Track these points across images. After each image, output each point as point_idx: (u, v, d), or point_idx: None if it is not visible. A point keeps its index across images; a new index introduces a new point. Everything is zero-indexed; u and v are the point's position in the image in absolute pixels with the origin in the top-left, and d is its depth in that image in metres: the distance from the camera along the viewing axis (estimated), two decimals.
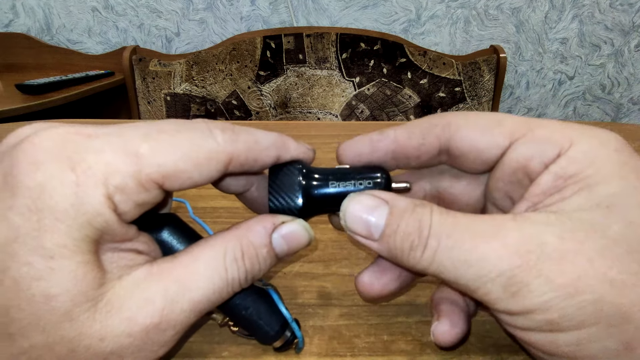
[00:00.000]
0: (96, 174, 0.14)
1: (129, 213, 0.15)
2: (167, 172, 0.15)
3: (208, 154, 0.16)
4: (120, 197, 0.14)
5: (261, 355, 0.21)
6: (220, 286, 0.16)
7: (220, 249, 0.16)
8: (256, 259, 0.17)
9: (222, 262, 0.16)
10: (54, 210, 0.13)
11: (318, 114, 1.20)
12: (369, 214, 0.17)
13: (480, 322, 0.23)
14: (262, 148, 0.18)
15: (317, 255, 0.29)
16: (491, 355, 0.21)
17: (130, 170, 0.14)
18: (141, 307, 0.15)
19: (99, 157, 0.14)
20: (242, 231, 0.17)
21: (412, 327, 0.23)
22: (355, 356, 0.21)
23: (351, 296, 0.25)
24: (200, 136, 0.16)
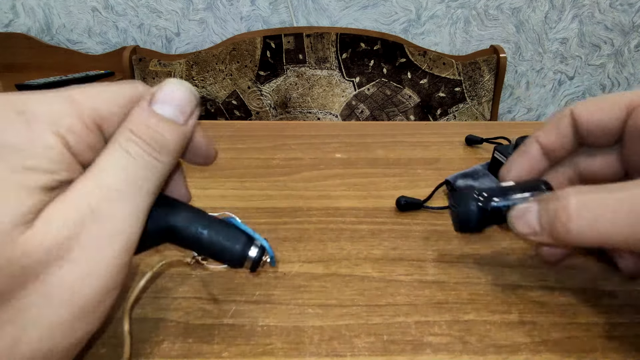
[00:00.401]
0: (44, 117, 0.15)
1: (84, 154, 0.16)
2: (102, 114, 0.17)
3: (131, 97, 0.17)
4: (72, 137, 0.15)
5: (261, 355, 0.21)
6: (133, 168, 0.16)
7: (113, 141, 0.17)
8: (151, 130, 0.17)
9: (119, 148, 0.16)
10: (6, 145, 0.14)
11: (318, 114, 1.20)
12: (525, 214, 0.22)
13: (480, 322, 0.23)
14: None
15: (317, 256, 0.29)
16: (491, 355, 0.21)
17: (72, 112, 0.16)
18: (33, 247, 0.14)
19: (42, 105, 0.15)
20: (125, 122, 0.17)
21: (412, 327, 0.23)
22: (355, 356, 0.21)
23: (351, 296, 0.25)
24: (124, 85, 0.18)
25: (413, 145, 0.48)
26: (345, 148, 0.47)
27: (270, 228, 0.32)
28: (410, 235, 0.31)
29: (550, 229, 0.20)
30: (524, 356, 0.21)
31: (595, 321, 0.24)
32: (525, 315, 0.24)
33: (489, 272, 0.28)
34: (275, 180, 0.40)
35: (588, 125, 0.24)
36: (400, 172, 0.42)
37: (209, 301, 0.24)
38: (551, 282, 0.27)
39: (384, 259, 0.29)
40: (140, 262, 0.28)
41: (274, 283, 0.26)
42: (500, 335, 0.22)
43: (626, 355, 0.21)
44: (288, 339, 0.22)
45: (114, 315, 0.23)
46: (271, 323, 0.23)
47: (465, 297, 0.25)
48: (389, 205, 0.35)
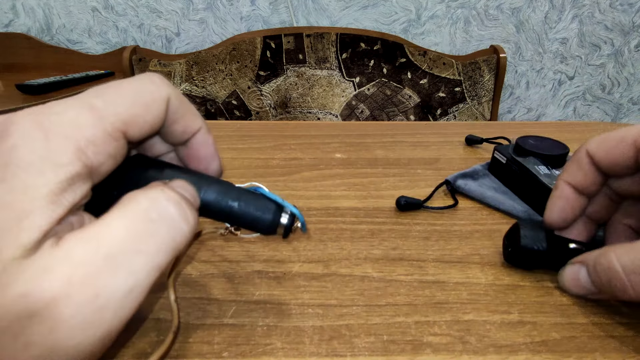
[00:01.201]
0: (64, 129, 0.15)
1: (105, 164, 0.16)
2: (126, 119, 0.16)
3: (151, 95, 0.17)
4: (92, 149, 0.15)
5: (261, 355, 0.21)
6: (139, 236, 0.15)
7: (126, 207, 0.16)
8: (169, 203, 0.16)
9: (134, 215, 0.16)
10: (20, 163, 0.14)
11: (318, 114, 1.20)
12: (577, 278, 0.24)
13: (480, 322, 0.23)
14: (190, 109, 0.20)
15: (317, 256, 0.29)
16: (491, 355, 0.21)
17: (94, 122, 0.15)
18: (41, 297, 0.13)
19: (63, 116, 0.15)
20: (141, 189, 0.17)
21: (412, 327, 0.23)
22: (355, 356, 0.21)
23: (351, 296, 0.25)
24: (141, 82, 0.18)
25: (413, 145, 0.48)
26: (345, 148, 0.47)
27: None
28: (410, 235, 0.31)
29: (606, 289, 0.22)
30: (524, 356, 0.21)
31: (595, 321, 0.24)
32: (525, 315, 0.24)
33: (489, 272, 0.28)
34: (275, 180, 0.40)
35: (605, 164, 0.25)
36: (400, 172, 0.42)
37: (209, 301, 0.24)
38: (551, 282, 0.27)
39: (384, 259, 0.29)
40: None
41: (274, 283, 0.26)
42: (500, 335, 0.22)
43: (626, 355, 0.21)
44: (288, 339, 0.22)
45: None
46: (271, 323, 0.23)
47: (465, 297, 0.25)
48: (389, 205, 0.35)
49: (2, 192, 0.14)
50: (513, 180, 0.37)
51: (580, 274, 0.24)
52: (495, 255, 0.29)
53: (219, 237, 0.30)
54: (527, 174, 0.35)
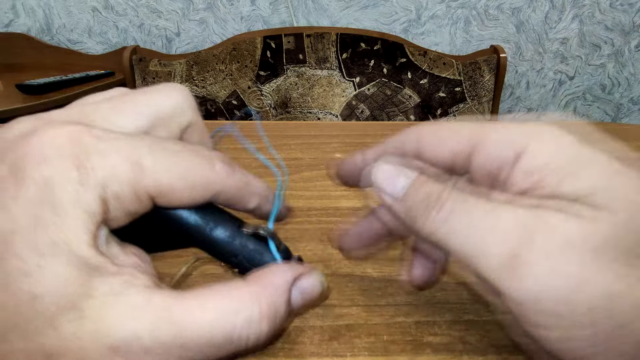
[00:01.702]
0: (98, 176, 0.14)
1: (118, 220, 0.15)
2: (163, 188, 0.15)
3: (203, 179, 0.16)
4: (114, 204, 0.14)
5: (261, 355, 0.21)
6: (226, 343, 0.14)
7: (234, 302, 0.15)
8: (272, 318, 0.15)
9: (235, 317, 0.14)
10: (54, 205, 0.13)
11: (318, 114, 1.20)
12: (398, 175, 0.19)
13: (480, 323, 0.23)
14: (252, 191, 0.19)
15: (317, 256, 0.29)
16: (491, 355, 0.21)
17: (130, 179, 0.14)
18: (128, 340, 0.13)
19: (103, 160, 0.14)
20: (262, 285, 0.16)
21: (412, 327, 0.23)
22: (355, 356, 0.21)
23: (351, 296, 0.25)
24: (200, 161, 0.16)
25: None
26: (345, 148, 0.47)
27: None
28: None
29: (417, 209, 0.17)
30: (524, 356, 0.21)
31: None
32: None
33: None
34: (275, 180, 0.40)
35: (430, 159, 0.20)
36: None
37: None
38: None
39: (384, 259, 0.29)
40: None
41: None
42: (501, 335, 0.22)
43: None
44: (288, 339, 0.22)
45: None
46: None
47: (465, 297, 0.25)
48: None
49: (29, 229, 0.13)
50: None
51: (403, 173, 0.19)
52: None
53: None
54: None
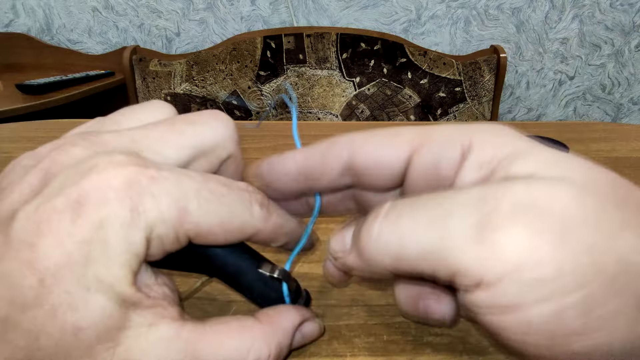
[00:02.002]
0: (148, 219, 0.14)
1: (155, 257, 0.16)
2: (202, 232, 0.16)
3: (240, 225, 0.17)
4: (156, 244, 0.15)
5: None
6: None
7: (247, 341, 0.17)
8: (276, 358, 0.17)
9: (246, 353, 0.16)
10: (104, 245, 0.14)
11: (318, 114, 1.20)
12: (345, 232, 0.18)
13: None
14: (283, 232, 0.19)
15: (317, 256, 0.29)
16: (491, 355, 0.21)
17: (175, 222, 0.15)
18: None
19: (155, 204, 0.15)
20: (272, 327, 0.18)
21: (412, 327, 0.23)
22: (355, 356, 0.21)
23: (351, 296, 0.25)
24: (241, 207, 0.17)
25: None
26: None
27: None
28: None
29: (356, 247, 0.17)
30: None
31: None
32: None
33: None
34: None
35: (365, 161, 0.18)
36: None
37: (209, 301, 0.24)
38: None
39: None
40: None
41: None
42: None
43: None
44: None
45: None
46: None
47: None
48: None
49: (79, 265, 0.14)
50: None
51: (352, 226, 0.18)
52: None
53: None
54: None
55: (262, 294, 0.19)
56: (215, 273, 0.19)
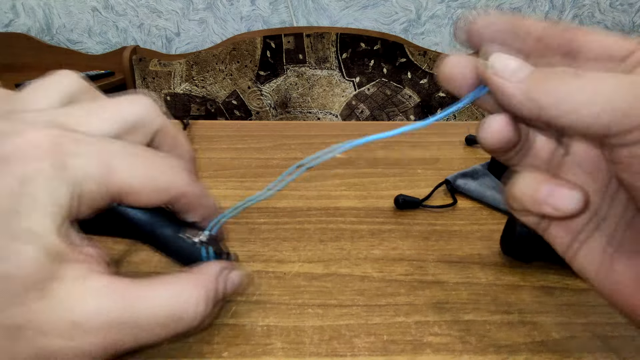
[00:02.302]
0: (72, 174, 0.15)
1: (83, 214, 0.16)
2: (129, 189, 0.17)
3: (166, 185, 0.18)
4: (83, 200, 0.16)
5: (261, 355, 0.21)
6: (171, 323, 0.17)
7: (177, 288, 0.17)
8: (208, 305, 0.18)
9: (179, 301, 0.17)
10: (31, 197, 0.14)
11: (318, 114, 1.20)
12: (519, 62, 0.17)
13: (480, 322, 0.23)
14: (205, 201, 0.20)
15: (317, 256, 0.29)
16: (491, 355, 0.21)
17: (100, 178, 0.16)
18: (88, 316, 0.15)
19: (78, 161, 0.16)
20: (198, 275, 0.18)
21: (412, 327, 0.23)
22: (355, 356, 0.21)
23: (351, 296, 0.25)
24: (166, 167, 0.18)
25: (413, 145, 0.48)
26: None
27: (270, 228, 0.32)
28: (410, 235, 0.31)
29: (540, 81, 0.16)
30: (524, 356, 0.21)
31: (595, 321, 0.24)
32: (525, 315, 0.24)
33: (489, 272, 0.28)
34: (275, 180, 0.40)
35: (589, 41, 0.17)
36: (400, 172, 0.42)
37: None
38: (551, 282, 0.27)
39: (384, 259, 0.29)
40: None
41: (274, 283, 0.26)
42: (500, 335, 0.22)
43: (626, 355, 0.21)
44: (288, 339, 0.22)
45: None
46: (271, 323, 0.23)
47: (465, 297, 0.25)
48: (389, 205, 0.35)
49: (6, 216, 0.14)
50: None
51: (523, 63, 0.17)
52: (495, 255, 0.29)
53: None
54: None
55: (189, 256, 0.20)
56: (143, 238, 0.19)
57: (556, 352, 0.22)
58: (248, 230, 0.31)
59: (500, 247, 0.30)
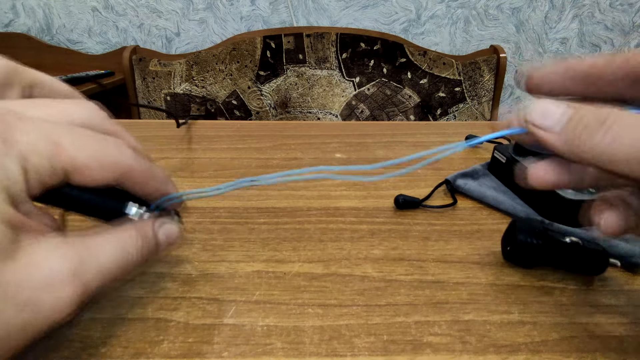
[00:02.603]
0: (21, 149, 0.16)
1: (33, 190, 0.17)
2: (77, 165, 0.18)
3: (114, 160, 0.19)
4: (33, 174, 0.16)
5: (261, 355, 0.21)
6: (122, 262, 0.19)
7: (124, 234, 0.19)
8: (148, 245, 0.20)
9: (124, 244, 0.19)
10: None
11: (318, 114, 1.20)
12: (556, 111, 0.19)
13: (480, 322, 0.23)
14: (154, 178, 0.21)
15: (317, 255, 0.29)
16: (491, 355, 0.21)
17: (48, 153, 0.17)
18: (57, 264, 0.16)
19: (26, 136, 0.16)
20: (137, 225, 0.20)
21: (412, 327, 0.23)
22: (355, 356, 0.21)
23: (351, 296, 0.25)
24: (113, 146, 0.19)
25: (413, 145, 0.48)
26: (345, 148, 0.47)
27: (270, 228, 0.32)
28: (410, 235, 0.31)
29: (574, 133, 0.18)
30: (524, 356, 0.21)
31: (595, 321, 0.24)
32: (525, 315, 0.24)
33: (489, 272, 0.28)
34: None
35: None
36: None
37: (209, 301, 0.24)
38: (551, 282, 0.27)
39: (384, 259, 0.29)
40: None
41: (274, 283, 0.26)
42: (500, 335, 0.22)
43: (626, 355, 0.21)
44: (288, 339, 0.22)
45: None
46: (271, 323, 0.23)
47: (465, 297, 0.25)
48: (389, 205, 0.35)
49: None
50: (513, 180, 0.37)
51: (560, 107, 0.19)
52: (495, 255, 0.29)
53: (218, 238, 0.30)
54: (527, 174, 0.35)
55: None
56: (93, 213, 0.20)
57: (556, 352, 0.22)
58: (248, 230, 0.31)
59: (501, 250, 0.29)
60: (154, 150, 0.46)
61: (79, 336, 0.22)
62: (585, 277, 0.27)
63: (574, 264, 0.27)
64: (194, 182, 0.39)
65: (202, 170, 0.41)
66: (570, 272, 0.27)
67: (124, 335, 0.22)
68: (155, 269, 0.27)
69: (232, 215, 0.33)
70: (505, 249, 0.28)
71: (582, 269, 0.27)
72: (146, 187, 0.21)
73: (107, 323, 0.23)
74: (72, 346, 0.21)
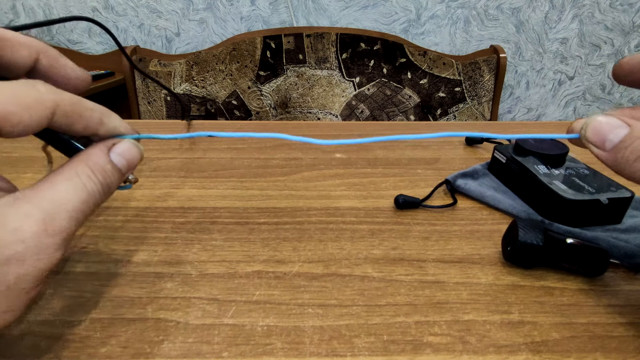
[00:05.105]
0: None
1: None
2: (2, 114, 0.17)
3: (34, 98, 0.18)
4: None
5: (261, 355, 0.21)
6: (86, 198, 0.19)
7: (72, 172, 0.19)
8: (105, 173, 0.20)
9: (79, 180, 0.19)
10: None
11: (318, 114, 1.20)
12: (610, 131, 0.21)
13: (480, 322, 0.23)
14: (86, 107, 0.20)
15: (317, 255, 0.29)
16: (491, 355, 0.21)
17: None
18: (23, 220, 0.17)
19: None
20: (85, 156, 0.20)
21: (412, 327, 0.23)
22: (355, 356, 0.21)
23: (351, 296, 0.25)
24: (25, 86, 0.18)
25: (413, 145, 0.48)
26: (345, 148, 0.47)
27: (270, 228, 0.32)
28: (410, 235, 0.31)
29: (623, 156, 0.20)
30: (524, 356, 0.21)
31: (595, 321, 0.24)
32: (525, 315, 0.24)
33: (489, 272, 0.28)
34: (275, 180, 0.40)
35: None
36: (400, 172, 0.42)
37: (209, 301, 0.24)
38: (551, 282, 0.27)
39: (384, 259, 0.29)
40: None
41: (274, 283, 0.26)
42: (500, 335, 0.22)
43: (626, 355, 0.21)
44: (288, 339, 0.22)
45: None
46: (271, 323, 0.23)
47: (465, 297, 0.25)
48: (389, 205, 0.35)
49: None
50: (513, 180, 0.37)
51: (616, 129, 0.20)
52: (495, 255, 0.29)
53: (218, 238, 0.30)
54: (527, 174, 0.35)
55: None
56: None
57: (556, 352, 0.22)
58: (248, 230, 0.31)
59: (501, 250, 0.30)
60: (154, 150, 0.46)
61: (79, 336, 0.22)
62: (586, 277, 0.27)
63: (575, 264, 0.27)
64: (195, 182, 0.39)
65: (202, 170, 0.41)
66: (570, 272, 0.27)
67: (124, 335, 0.22)
68: (156, 269, 0.27)
69: (232, 215, 0.33)
70: (506, 249, 0.28)
71: (583, 269, 0.27)
72: (85, 121, 0.20)
73: (107, 323, 0.23)
74: (72, 346, 0.21)
